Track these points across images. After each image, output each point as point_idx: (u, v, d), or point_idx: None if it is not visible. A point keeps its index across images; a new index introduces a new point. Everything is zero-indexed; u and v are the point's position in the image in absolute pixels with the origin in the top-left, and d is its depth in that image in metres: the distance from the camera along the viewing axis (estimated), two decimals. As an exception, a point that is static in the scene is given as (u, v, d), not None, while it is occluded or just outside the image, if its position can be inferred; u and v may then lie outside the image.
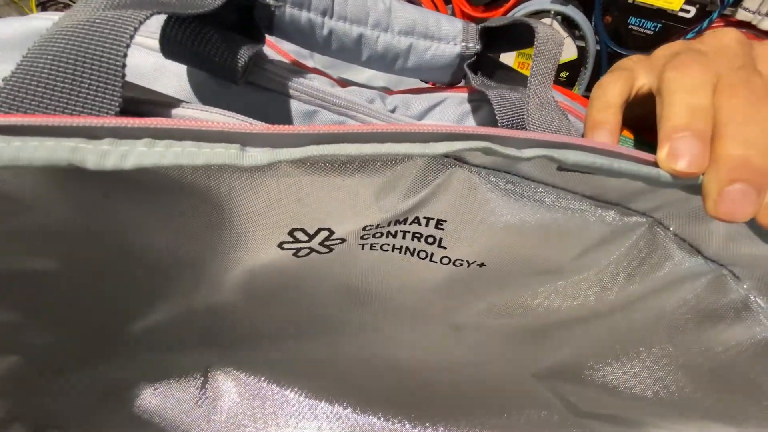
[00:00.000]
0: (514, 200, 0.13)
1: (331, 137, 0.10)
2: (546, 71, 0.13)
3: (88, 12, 0.10)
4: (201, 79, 0.15)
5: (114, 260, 0.16)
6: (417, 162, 0.12)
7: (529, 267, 0.16)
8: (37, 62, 0.09)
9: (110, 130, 0.09)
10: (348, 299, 0.19)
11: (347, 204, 0.13)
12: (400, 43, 0.16)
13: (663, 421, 0.18)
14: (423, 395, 0.21)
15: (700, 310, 0.14)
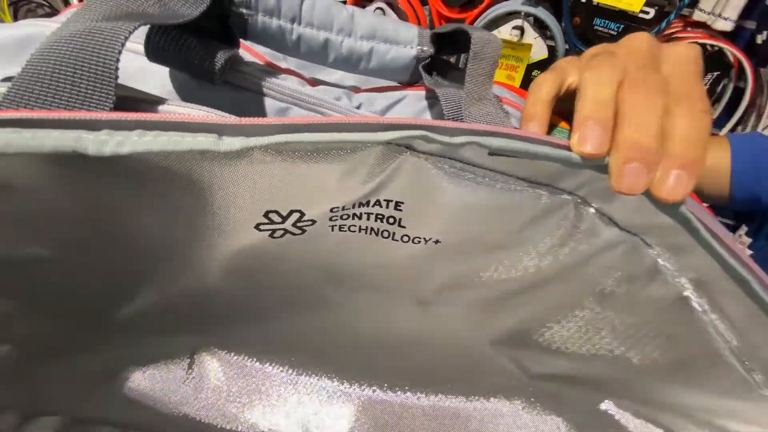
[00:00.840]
0: (459, 183, 0.16)
1: (295, 128, 0.12)
2: (482, 71, 0.16)
3: (85, 23, 0.11)
4: (182, 79, 0.16)
5: (105, 246, 0.18)
6: (373, 150, 0.14)
7: (477, 242, 0.18)
8: (42, 66, 0.11)
9: (107, 123, 0.10)
10: (323, 278, 0.21)
11: (314, 188, 0.15)
12: (363, 47, 0.18)
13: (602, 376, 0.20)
14: (394, 365, 0.23)
15: (621, 275, 0.17)
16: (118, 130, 0.11)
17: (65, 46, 0.11)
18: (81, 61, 0.11)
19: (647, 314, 0.17)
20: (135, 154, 0.11)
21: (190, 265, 0.19)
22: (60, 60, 0.11)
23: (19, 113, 0.10)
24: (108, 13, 0.12)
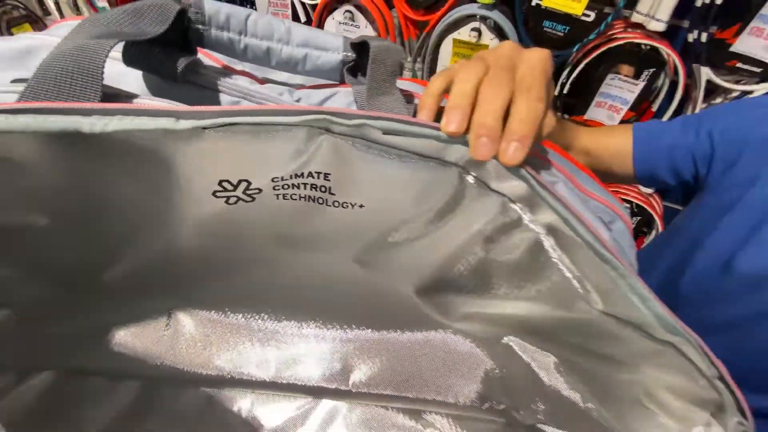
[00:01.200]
0: (369, 157, 0.20)
1: (232, 113, 0.16)
2: (381, 72, 0.21)
3: (80, 40, 0.16)
4: (153, 79, 0.21)
5: (92, 214, 0.22)
6: (299, 131, 0.19)
7: (391, 207, 0.23)
8: (49, 71, 0.15)
9: (97, 110, 0.15)
10: (275, 241, 0.26)
11: (256, 161, 0.20)
12: (298, 53, 0.23)
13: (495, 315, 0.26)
14: (346, 310, 0.28)
15: (497, 226, 0.22)
16: (104, 115, 0.15)
17: (66, 57, 0.16)
18: (77, 68, 0.16)
19: (517, 255, 0.22)
20: (115, 133, 0.15)
21: (164, 229, 0.24)
22: (63, 67, 0.15)
23: (35, 104, 0.15)
24: (96, 32, 0.17)
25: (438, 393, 0.28)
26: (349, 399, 0.28)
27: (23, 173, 0.19)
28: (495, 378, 0.28)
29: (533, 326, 0.26)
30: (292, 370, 0.29)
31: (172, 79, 0.20)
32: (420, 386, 0.28)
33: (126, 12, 0.18)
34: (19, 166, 0.18)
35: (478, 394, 0.28)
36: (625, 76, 0.73)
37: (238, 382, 0.29)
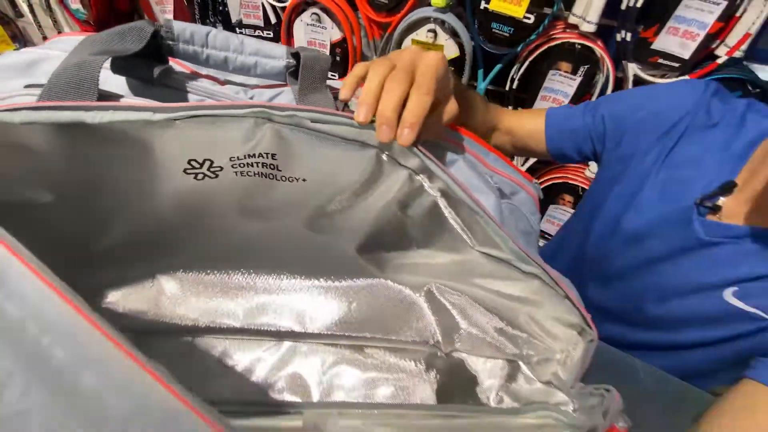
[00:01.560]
0: (307, 140, 0.27)
1: (193, 108, 0.23)
2: (310, 75, 0.27)
3: (81, 56, 0.22)
4: (134, 83, 0.27)
5: (88, 190, 0.28)
6: (247, 120, 0.25)
7: (326, 181, 0.29)
8: (60, 79, 0.21)
9: (94, 107, 0.21)
10: (238, 209, 0.32)
11: (216, 144, 0.26)
12: (250, 61, 0.29)
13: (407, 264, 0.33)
14: (297, 263, 0.35)
15: (407, 192, 0.29)
16: (100, 111, 0.21)
17: (72, 69, 0.22)
18: (80, 77, 0.22)
19: (423, 214, 0.29)
20: (109, 123, 0.21)
21: (145, 202, 0.30)
22: (70, 76, 0.21)
23: (51, 103, 0.21)
24: (92, 50, 0.23)
25: (376, 331, 0.35)
26: (306, 339, 0.35)
27: (36, 157, 0.25)
28: (422, 317, 0.36)
29: (444, 272, 0.33)
30: (259, 318, 0.35)
31: (149, 83, 0.26)
32: (362, 326, 0.35)
33: (112, 34, 0.24)
34: (33, 151, 0.24)
35: (409, 331, 0.35)
36: (564, 72, 0.81)
37: (214, 330, 0.35)
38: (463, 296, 0.35)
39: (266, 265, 0.35)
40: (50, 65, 0.27)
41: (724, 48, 0.71)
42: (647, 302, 0.43)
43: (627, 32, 0.74)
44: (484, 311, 0.34)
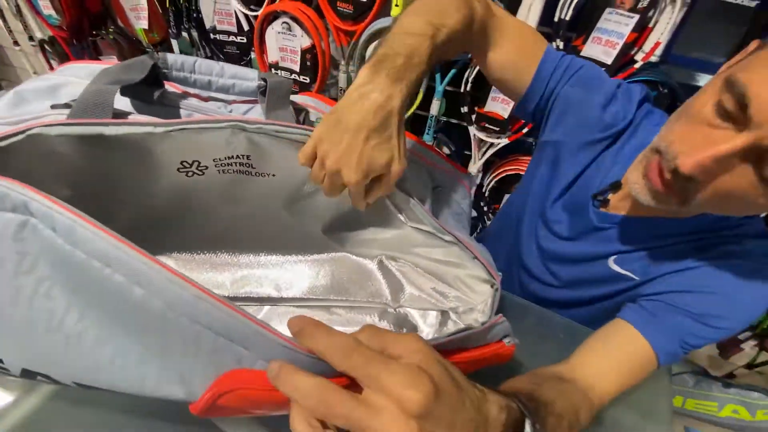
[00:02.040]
0: (274, 144, 0.35)
1: (187, 122, 0.31)
2: (275, 96, 0.35)
3: (99, 85, 0.30)
4: (138, 102, 0.35)
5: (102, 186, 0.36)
6: (225, 130, 0.33)
7: (291, 174, 0.38)
8: (84, 101, 0.29)
9: (110, 123, 0.29)
10: (223, 199, 0.40)
11: (202, 148, 0.34)
12: (229, 82, 0.37)
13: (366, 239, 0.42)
14: (274, 242, 0.43)
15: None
16: (114, 126, 0.29)
17: (93, 94, 0.29)
18: (99, 101, 0.29)
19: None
20: (122, 135, 0.29)
21: (145, 194, 0.37)
22: (92, 100, 0.29)
23: (79, 120, 0.29)
24: (107, 80, 0.30)
25: (339, 294, 0.44)
26: (282, 303, 0.44)
27: (63, 161, 0.32)
28: (375, 281, 0.45)
29: (391, 244, 0.42)
30: (243, 288, 0.43)
31: (150, 103, 0.34)
32: (328, 291, 0.44)
33: (122, 66, 0.31)
34: (62, 157, 0.32)
35: (365, 292, 0.44)
36: (510, 75, 0.92)
37: (204, 300, 0.43)
38: (406, 263, 0.44)
39: (247, 244, 0.43)
40: (69, 89, 0.34)
41: (641, 54, 0.82)
42: (559, 269, 0.53)
43: (560, 41, 0.85)
44: (422, 274, 0.43)
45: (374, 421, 0.18)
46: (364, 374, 0.19)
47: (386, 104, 0.31)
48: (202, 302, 0.22)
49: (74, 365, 0.26)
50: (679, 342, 0.41)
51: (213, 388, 0.23)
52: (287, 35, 1.03)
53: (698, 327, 0.41)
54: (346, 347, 0.20)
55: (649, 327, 0.42)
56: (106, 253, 0.22)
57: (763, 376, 1.59)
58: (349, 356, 0.20)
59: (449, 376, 0.21)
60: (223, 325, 0.23)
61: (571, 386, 0.36)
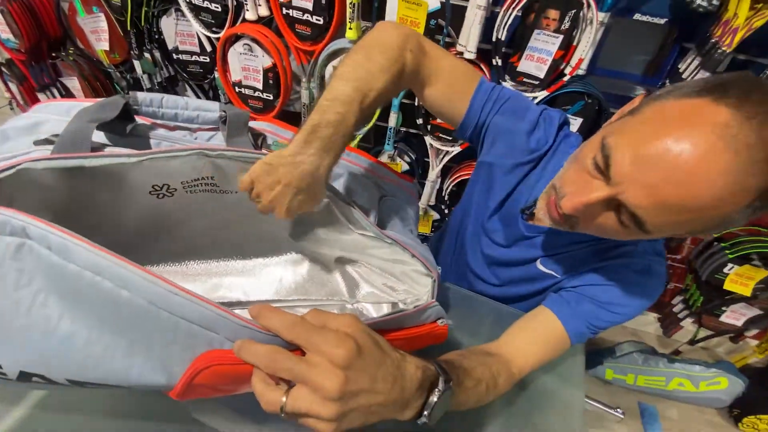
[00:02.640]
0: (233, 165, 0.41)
1: (156, 152, 0.36)
2: (234, 125, 0.41)
3: (78, 124, 0.35)
4: (113, 135, 0.39)
5: (82, 210, 0.40)
6: (191, 157, 0.38)
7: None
8: (66, 138, 0.34)
9: (89, 156, 0.34)
10: (194, 216, 0.45)
11: (171, 173, 0.39)
12: (193, 114, 0.43)
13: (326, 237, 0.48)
14: (240, 249, 0.48)
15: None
16: (93, 158, 0.34)
17: (74, 132, 0.34)
18: (79, 137, 0.34)
19: (322, 211, 0.45)
20: (99, 166, 0.34)
21: (121, 216, 0.42)
22: (72, 137, 0.34)
23: (62, 155, 0.33)
24: (86, 119, 0.35)
25: (302, 294, 0.50)
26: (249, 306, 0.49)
27: (45, 189, 0.37)
28: (334, 280, 0.51)
29: (346, 247, 0.49)
30: (214, 294, 0.48)
31: (123, 135, 0.39)
32: (291, 292, 0.50)
33: (98, 106, 0.37)
34: (44, 185, 0.36)
35: (325, 292, 0.50)
36: (457, 89, 1.00)
37: (178, 307, 0.48)
38: (360, 263, 0.51)
39: (216, 254, 0.49)
40: (48, 126, 0.39)
41: (568, 68, 0.93)
42: (499, 271, 0.62)
43: (499, 58, 0.94)
44: (375, 271, 0.50)
45: (310, 372, 0.24)
46: (304, 340, 0.26)
47: (315, 172, 0.38)
48: (177, 297, 0.28)
49: (68, 363, 0.31)
50: (586, 324, 0.50)
51: (192, 367, 0.29)
52: (249, 56, 1.08)
53: (602, 312, 0.50)
54: (291, 323, 0.26)
55: (564, 312, 0.50)
56: (96, 264, 0.27)
57: (707, 350, 1.75)
58: (293, 329, 0.26)
59: (373, 341, 0.28)
60: (195, 313, 0.28)
61: (494, 359, 0.44)
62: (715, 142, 0.31)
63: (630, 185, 0.35)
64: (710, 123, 0.31)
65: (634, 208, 0.36)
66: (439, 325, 0.41)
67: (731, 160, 0.31)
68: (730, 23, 0.82)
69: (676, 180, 0.32)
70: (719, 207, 0.33)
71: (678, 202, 0.33)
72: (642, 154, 0.34)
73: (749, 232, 1.24)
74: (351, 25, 0.96)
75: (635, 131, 0.36)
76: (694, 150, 0.32)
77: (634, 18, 0.94)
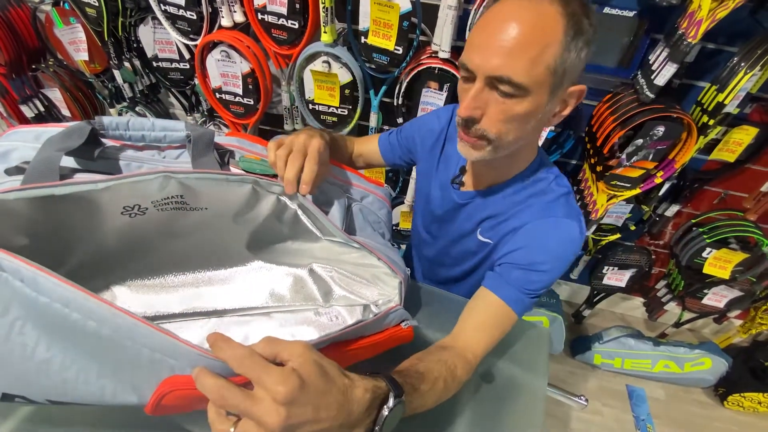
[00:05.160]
0: (201, 184, 0.43)
1: (125, 177, 0.38)
2: (198, 146, 0.43)
3: (47, 153, 0.36)
4: (82, 160, 0.41)
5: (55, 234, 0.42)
6: (158, 178, 0.40)
7: (220, 206, 0.45)
8: (36, 168, 0.36)
9: (59, 185, 0.36)
10: (164, 232, 0.47)
11: (140, 194, 0.41)
12: (160, 135, 0.44)
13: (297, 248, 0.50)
14: (207, 262, 0.50)
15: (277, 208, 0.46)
16: (62, 186, 0.36)
17: (42, 162, 0.36)
18: (47, 167, 0.36)
19: (290, 220, 0.46)
20: (69, 193, 0.36)
21: (95, 236, 0.44)
22: (41, 167, 0.36)
23: (32, 185, 0.35)
24: (53, 147, 0.37)
25: (276, 301, 0.52)
26: (227, 314, 0.51)
27: (18, 217, 0.38)
28: (307, 286, 0.53)
29: (317, 254, 0.51)
30: (191, 304, 0.50)
31: (92, 159, 0.40)
32: (266, 299, 0.52)
33: (64, 134, 0.38)
34: (17, 213, 0.38)
35: (300, 297, 0.52)
36: (434, 89, 1.02)
37: (159, 318, 0.50)
38: (332, 269, 0.53)
39: (192, 266, 0.51)
40: (18, 153, 0.40)
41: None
42: (446, 250, 0.66)
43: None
44: (347, 275, 0.52)
45: (255, 408, 0.26)
46: (251, 376, 0.27)
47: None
48: (138, 327, 0.30)
49: (46, 385, 0.33)
50: (521, 291, 0.53)
51: (157, 391, 0.31)
52: (227, 62, 1.09)
53: (530, 274, 0.54)
54: (241, 356, 0.28)
55: (498, 285, 0.54)
56: (64, 297, 0.29)
57: (693, 332, 1.79)
58: (242, 362, 0.28)
59: (319, 371, 0.29)
60: (155, 343, 0.30)
61: (449, 351, 0.46)
62: (508, 4, 0.45)
63: (481, 62, 0.46)
64: (502, 3, 0.46)
65: (494, 71, 0.45)
66: (403, 328, 0.43)
67: (522, 2, 0.44)
68: (695, 15, 0.84)
69: (500, 30, 0.44)
70: (542, 30, 0.44)
71: (511, 45, 0.44)
72: (476, 42, 0.47)
73: (727, 216, 1.27)
74: (326, 29, 0.96)
75: (469, 41, 0.48)
76: (501, 13, 0.45)
77: (604, 12, 0.96)
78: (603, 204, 1.14)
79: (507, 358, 0.50)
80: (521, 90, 0.46)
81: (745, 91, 0.93)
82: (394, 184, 1.37)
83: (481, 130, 0.50)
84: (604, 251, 1.42)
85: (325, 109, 1.14)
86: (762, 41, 0.89)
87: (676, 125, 0.96)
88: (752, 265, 1.24)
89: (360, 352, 0.36)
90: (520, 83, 0.45)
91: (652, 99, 0.94)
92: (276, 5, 0.98)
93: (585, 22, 0.45)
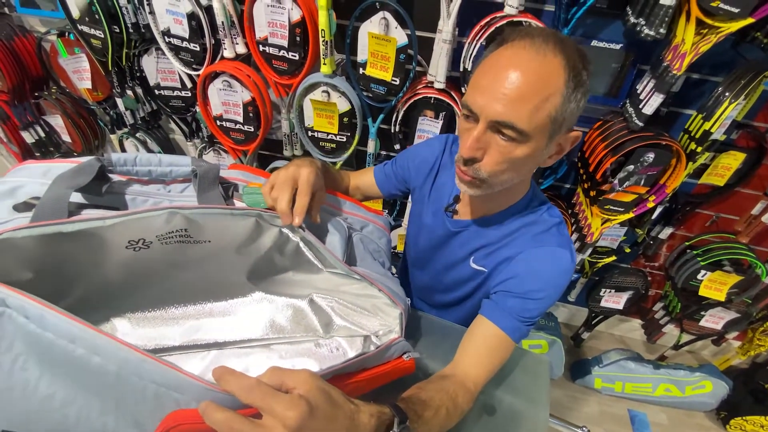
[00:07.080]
0: (206, 218, 0.43)
1: (131, 213, 0.39)
2: (204, 182, 0.44)
3: (56, 191, 0.37)
4: (90, 195, 0.42)
5: (60, 269, 0.42)
6: (163, 214, 0.41)
7: (222, 239, 0.46)
8: (45, 205, 0.36)
9: (67, 222, 0.36)
10: (170, 266, 0.47)
11: (146, 229, 0.41)
12: (166, 170, 0.45)
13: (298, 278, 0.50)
14: (207, 294, 0.51)
15: (279, 241, 0.47)
16: (70, 223, 0.36)
17: (52, 199, 0.37)
18: (56, 204, 0.37)
19: (291, 252, 0.47)
20: (77, 230, 0.37)
21: (99, 269, 0.44)
22: (50, 204, 0.36)
23: (42, 222, 0.36)
24: (63, 185, 0.38)
25: (276, 332, 0.52)
26: (227, 346, 0.51)
27: (25, 253, 0.39)
28: (307, 317, 0.53)
29: (317, 285, 0.51)
30: (191, 336, 0.50)
31: (99, 194, 0.41)
32: (266, 331, 0.52)
33: (74, 171, 0.39)
34: (24, 249, 0.38)
35: (300, 329, 0.53)
36: (430, 117, 1.05)
37: (159, 350, 0.49)
38: (333, 299, 0.53)
39: (194, 298, 0.51)
40: (27, 189, 0.41)
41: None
42: (439, 277, 0.66)
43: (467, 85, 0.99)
44: (347, 306, 0.52)
45: None
46: (260, 405, 0.28)
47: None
48: (145, 363, 0.30)
49: (48, 421, 0.33)
50: (518, 319, 0.54)
51: (161, 425, 0.31)
52: (228, 91, 1.12)
53: (526, 302, 0.55)
54: (248, 387, 0.28)
55: (496, 314, 0.55)
56: (70, 333, 0.29)
57: (692, 353, 1.79)
58: (250, 393, 0.28)
59: (326, 397, 0.30)
60: (162, 377, 0.30)
61: (450, 380, 0.47)
62: (515, 52, 0.47)
63: (485, 105, 0.47)
64: (508, 49, 0.47)
65: (498, 116, 0.46)
66: (405, 360, 0.43)
67: (529, 52, 0.46)
68: (679, 48, 0.88)
69: (507, 77, 0.45)
70: (546, 81, 0.45)
71: (517, 93, 0.45)
72: (481, 84, 0.48)
73: (720, 239, 1.29)
74: (325, 61, 1.00)
75: (473, 83, 0.50)
76: (508, 60, 0.47)
77: (593, 45, 1.00)
78: (598, 227, 1.16)
79: (508, 389, 0.50)
80: (522, 135, 0.47)
81: (730, 119, 0.97)
82: (391, 207, 1.39)
83: (479, 171, 0.51)
84: (601, 273, 1.43)
85: (324, 135, 1.16)
86: (745, 72, 0.93)
87: (666, 152, 0.99)
88: (747, 287, 1.26)
89: (362, 385, 0.36)
90: (522, 129, 0.46)
91: (641, 127, 0.97)
92: (277, 38, 1.01)
93: (584, 74, 0.48)
